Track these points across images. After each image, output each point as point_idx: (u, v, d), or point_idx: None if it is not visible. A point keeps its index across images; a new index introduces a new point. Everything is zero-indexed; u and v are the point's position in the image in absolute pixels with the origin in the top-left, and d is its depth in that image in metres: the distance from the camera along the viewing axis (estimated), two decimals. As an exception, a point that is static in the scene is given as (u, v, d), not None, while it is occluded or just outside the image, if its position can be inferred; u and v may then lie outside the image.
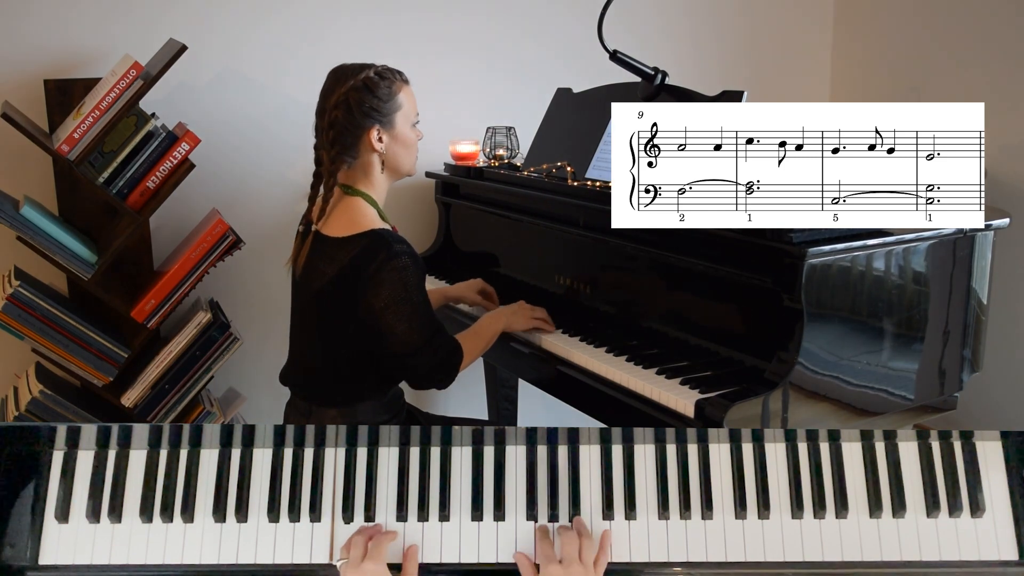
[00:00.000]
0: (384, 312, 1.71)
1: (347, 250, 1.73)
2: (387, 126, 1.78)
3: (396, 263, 1.69)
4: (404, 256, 1.71)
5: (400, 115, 1.79)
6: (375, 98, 1.75)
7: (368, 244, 1.72)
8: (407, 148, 1.83)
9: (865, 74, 3.30)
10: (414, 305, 1.72)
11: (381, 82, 1.76)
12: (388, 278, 1.69)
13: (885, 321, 1.75)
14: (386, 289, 1.70)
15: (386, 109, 1.77)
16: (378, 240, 1.72)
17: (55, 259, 2.25)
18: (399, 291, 1.70)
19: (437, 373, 1.79)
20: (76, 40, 2.43)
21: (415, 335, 1.73)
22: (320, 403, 1.84)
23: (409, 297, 1.71)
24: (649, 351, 1.88)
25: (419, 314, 1.73)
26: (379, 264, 1.69)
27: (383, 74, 1.77)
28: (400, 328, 1.72)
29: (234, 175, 2.65)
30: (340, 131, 1.75)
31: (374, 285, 1.70)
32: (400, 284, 1.70)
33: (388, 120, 1.78)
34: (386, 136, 1.78)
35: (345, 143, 1.77)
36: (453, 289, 2.22)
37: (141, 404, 2.40)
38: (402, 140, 1.81)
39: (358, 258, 1.71)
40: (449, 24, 2.84)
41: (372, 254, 1.70)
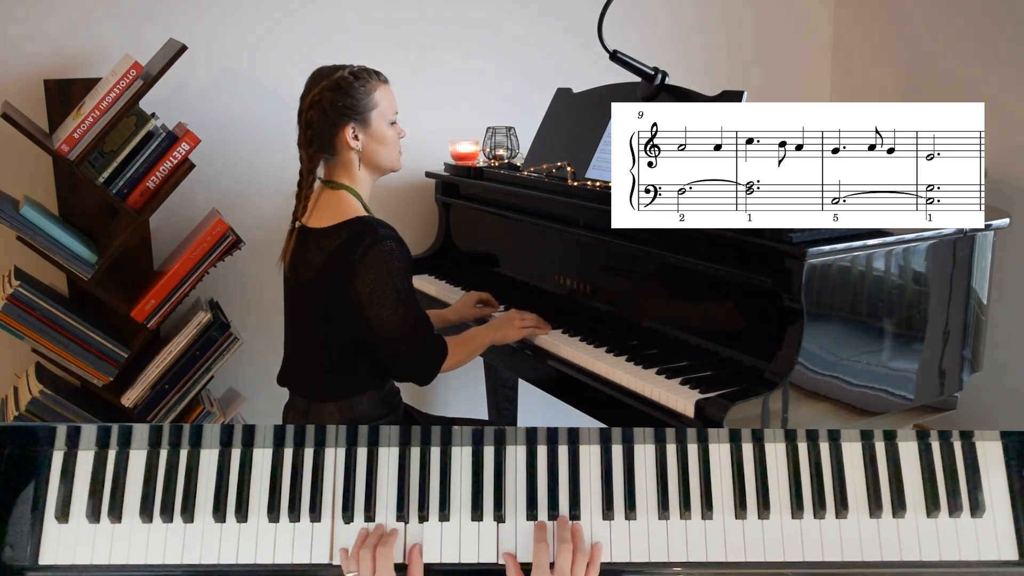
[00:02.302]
0: (371, 298, 1.72)
1: (333, 238, 1.76)
2: (362, 124, 1.82)
3: (382, 246, 1.72)
4: (389, 240, 1.73)
5: (375, 113, 1.83)
6: (348, 97, 1.79)
7: (354, 230, 1.75)
8: (385, 145, 1.86)
9: (865, 74, 3.30)
10: (398, 291, 1.74)
11: (355, 82, 1.80)
12: (374, 262, 1.71)
13: (885, 321, 1.75)
14: (372, 274, 1.72)
15: (360, 107, 1.80)
16: (364, 226, 1.74)
17: (55, 259, 2.25)
18: (384, 275, 1.72)
19: (420, 368, 1.81)
20: (76, 40, 2.43)
21: (400, 322, 1.74)
22: (317, 399, 1.85)
23: (394, 282, 1.73)
24: (649, 351, 1.88)
25: (403, 301, 1.75)
26: (365, 248, 1.72)
27: (357, 74, 1.81)
28: (385, 314, 1.73)
29: (234, 175, 2.65)
30: (316, 130, 1.81)
31: (361, 270, 1.72)
32: (385, 268, 1.72)
33: (362, 118, 1.81)
34: (362, 134, 1.82)
35: (321, 142, 1.82)
36: (450, 312, 2.20)
37: (141, 404, 2.40)
38: (379, 137, 1.84)
39: (344, 244, 1.74)
40: (449, 24, 2.84)
41: (358, 239, 1.73)
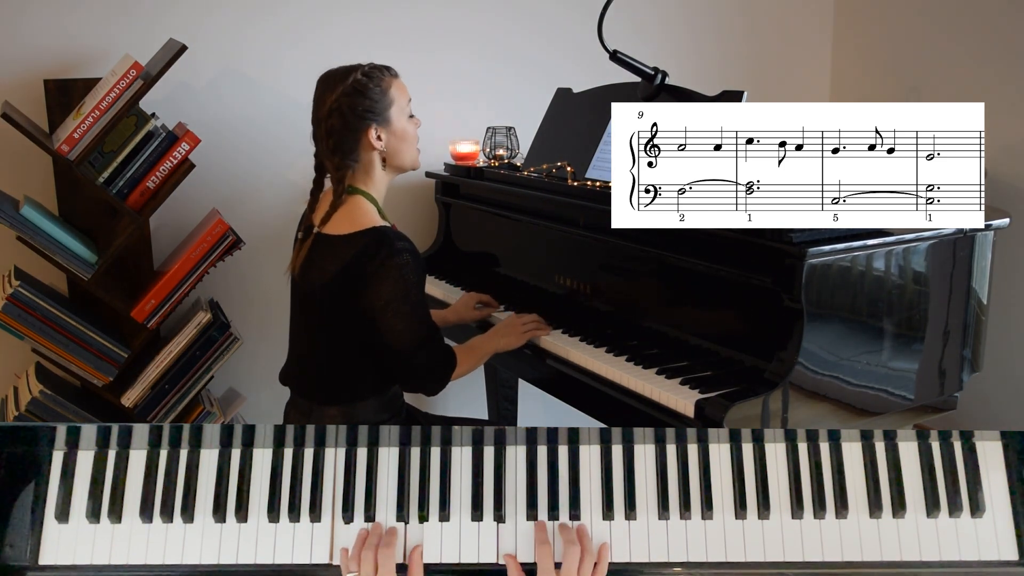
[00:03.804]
0: (385, 310, 1.72)
1: (349, 247, 1.73)
2: (383, 123, 1.79)
3: (398, 260, 1.70)
4: (406, 254, 1.72)
5: (395, 109, 1.81)
6: (367, 99, 1.76)
7: (371, 241, 1.72)
8: (406, 142, 1.84)
9: (865, 74, 3.30)
10: (413, 304, 1.73)
11: (370, 82, 1.77)
12: (390, 275, 1.70)
13: (885, 321, 1.75)
14: (387, 286, 1.70)
15: (379, 107, 1.78)
16: (381, 237, 1.72)
17: (55, 259, 2.25)
18: (400, 289, 1.71)
19: (429, 378, 1.81)
20: (76, 40, 2.43)
21: (412, 334, 1.74)
22: (320, 402, 1.84)
23: (408, 296, 1.72)
24: (649, 351, 1.88)
25: (416, 313, 1.74)
26: (381, 261, 1.70)
27: (370, 74, 1.78)
28: (399, 327, 1.73)
29: (234, 175, 2.65)
30: (340, 138, 1.77)
31: (376, 282, 1.70)
32: (401, 282, 1.71)
33: (383, 117, 1.79)
34: (384, 133, 1.80)
35: (346, 148, 1.78)
36: (450, 312, 2.21)
37: (141, 404, 2.40)
38: (400, 134, 1.82)
39: (361, 255, 1.72)
40: (449, 23, 2.84)
41: (374, 251, 1.71)
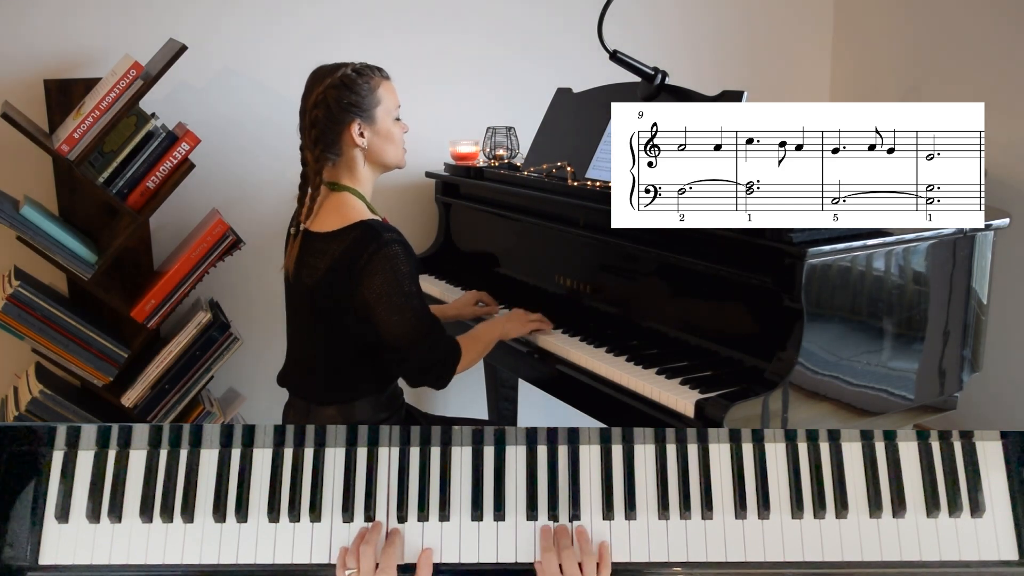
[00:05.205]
0: (377, 303, 1.71)
1: (338, 243, 1.74)
2: (367, 120, 1.80)
3: (387, 251, 1.70)
4: (395, 244, 1.71)
5: (380, 109, 1.81)
6: (353, 94, 1.77)
7: (359, 235, 1.72)
8: (390, 141, 1.85)
9: (865, 74, 3.30)
10: (406, 296, 1.72)
11: (359, 78, 1.78)
12: (380, 267, 1.70)
13: (885, 321, 1.75)
14: (378, 279, 1.70)
15: (365, 104, 1.79)
16: (368, 231, 1.72)
17: (55, 259, 2.25)
18: (391, 281, 1.70)
19: (434, 370, 1.79)
20: (76, 40, 2.43)
21: (409, 327, 1.73)
22: (318, 402, 1.84)
23: (400, 287, 1.71)
24: (649, 351, 1.88)
25: (412, 305, 1.74)
26: (370, 254, 1.70)
27: (360, 71, 1.80)
28: (393, 319, 1.72)
29: (234, 175, 2.65)
30: (322, 129, 1.78)
31: (367, 276, 1.70)
32: (392, 273, 1.70)
33: (368, 115, 1.80)
34: (367, 130, 1.81)
35: (327, 141, 1.79)
36: (449, 308, 2.22)
37: (141, 404, 2.40)
38: (384, 134, 1.83)
39: (349, 250, 1.72)
40: (449, 23, 2.84)
41: (363, 245, 1.71)
